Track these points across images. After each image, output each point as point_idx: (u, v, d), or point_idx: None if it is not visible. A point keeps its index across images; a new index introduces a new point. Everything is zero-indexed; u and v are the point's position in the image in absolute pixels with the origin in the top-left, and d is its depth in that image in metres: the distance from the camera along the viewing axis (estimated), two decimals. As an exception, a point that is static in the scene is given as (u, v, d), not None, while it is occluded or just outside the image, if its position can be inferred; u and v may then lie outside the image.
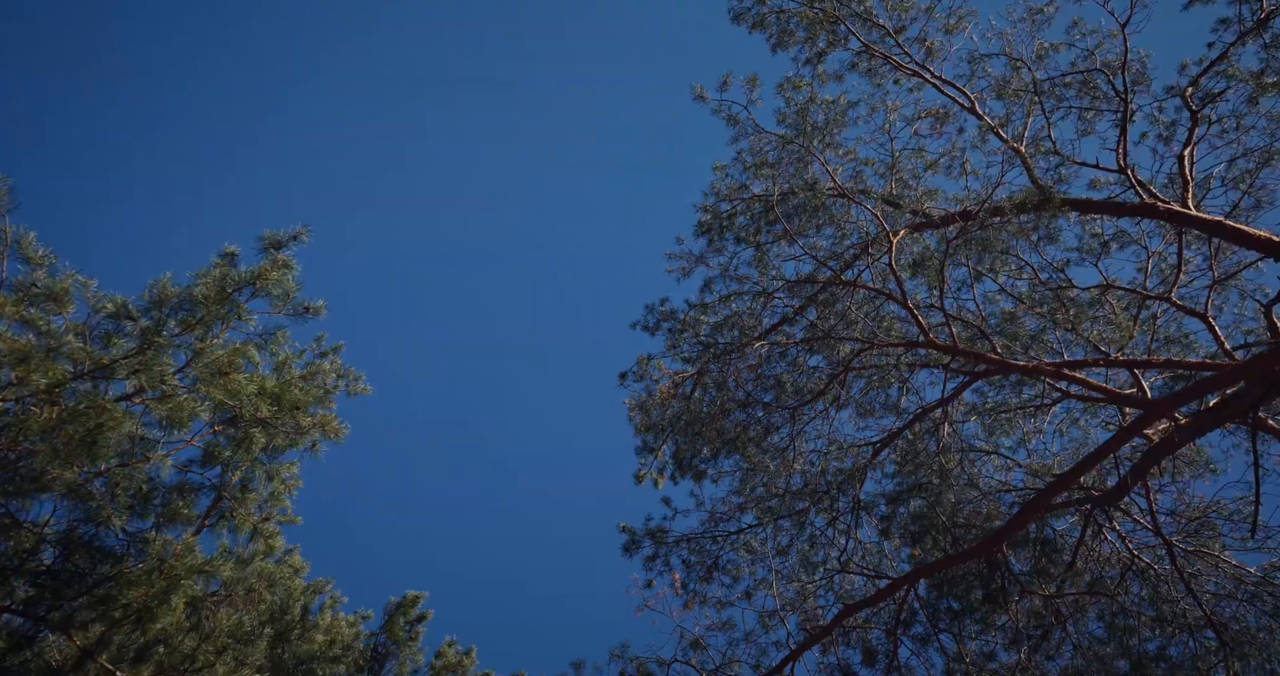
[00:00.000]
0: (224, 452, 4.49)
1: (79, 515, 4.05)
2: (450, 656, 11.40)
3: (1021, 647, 8.80)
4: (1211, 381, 5.99)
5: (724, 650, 7.33)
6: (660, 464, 9.83)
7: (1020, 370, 6.45)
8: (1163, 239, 9.54)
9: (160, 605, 3.93)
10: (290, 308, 4.44)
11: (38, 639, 3.94)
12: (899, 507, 6.96)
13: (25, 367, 3.38)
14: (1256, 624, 8.78)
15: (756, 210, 8.53)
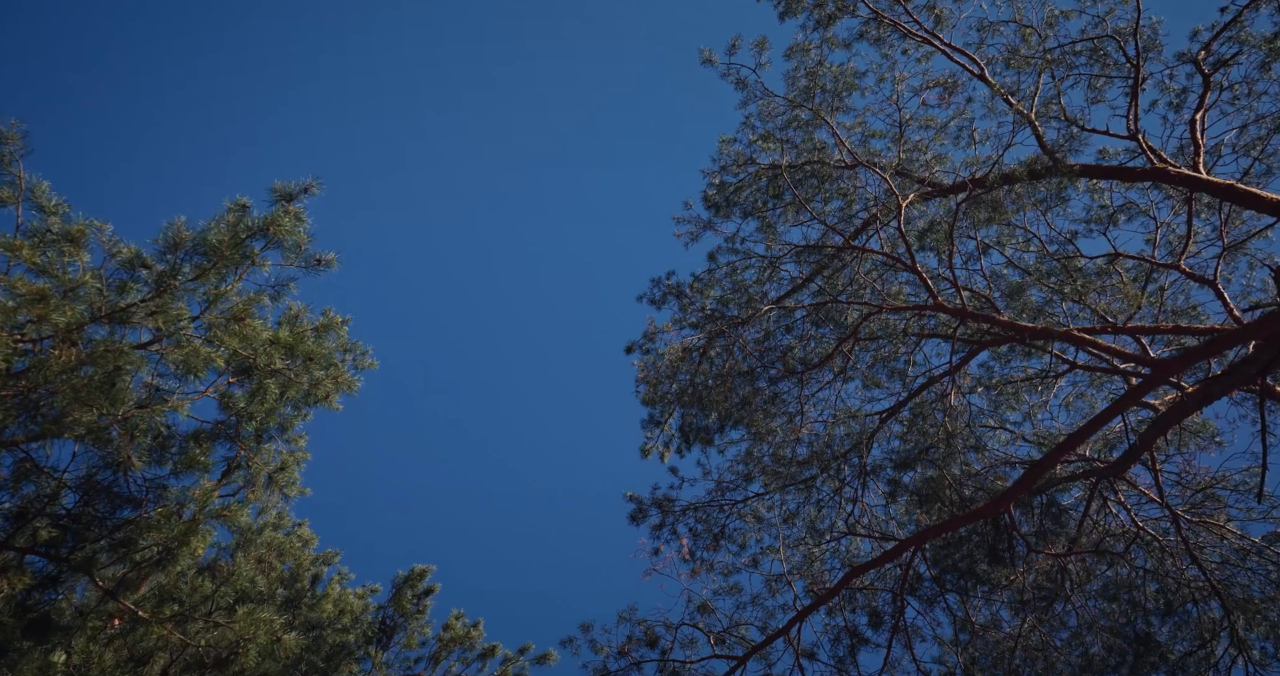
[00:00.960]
0: (238, 403, 4.55)
1: (98, 461, 4.11)
2: (458, 628, 11.54)
3: (1027, 616, 8.88)
4: (1219, 341, 5.99)
5: (731, 614, 7.41)
6: (666, 437, 9.89)
7: (1028, 331, 6.45)
8: (1171, 210, 9.49)
9: (180, 547, 4.00)
10: (302, 260, 4.47)
11: (61, 579, 4.02)
12: (906, 472, 7.00)
13: (44, 307, 3.41)
14: (1260, 593, 8.83)
15: (763, 183, 8.51)
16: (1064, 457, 9.61)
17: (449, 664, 11.52)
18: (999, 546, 6.19)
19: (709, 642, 7.31)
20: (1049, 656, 6.85)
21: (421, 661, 11.64)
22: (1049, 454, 6.33)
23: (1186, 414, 8.14)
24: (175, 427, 4.39)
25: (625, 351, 10.11)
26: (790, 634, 6.83)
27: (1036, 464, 6.33)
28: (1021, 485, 6.25)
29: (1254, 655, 8.76)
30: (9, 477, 4.04)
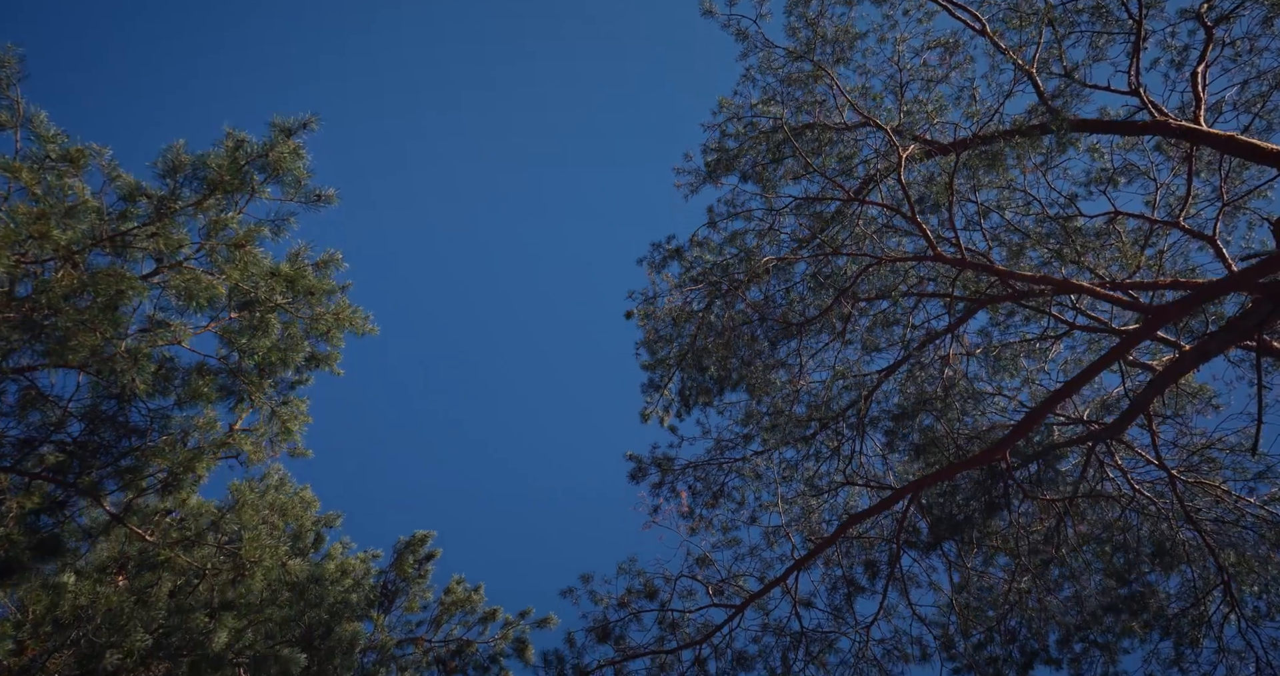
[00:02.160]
0: (240, 339, 4.57)
1: (102, 391, 4.14)
2: (459, 592, 11.67)
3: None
4: (1213, 287, 6.01)
5: (729, 566, 7.49)
6: (666, 401, 9.94)
7: (1026, 280, 6.47)
8: (1171, 171, 9.48)
9: (185, 473, 4.05)
10: (301, 195, 4.47)
11: (68, 503, 4.07)
12: (903, 423, 7.05)
13: (44, 225, 3.42)
14: (1254, 553, 8.93)
15: (763, 148, 8.49)
16: (1060, 410, 9.68)
17: (450, 627, 11.68)
18: (994, 493, 6.25)
19: (707, 593, 7.41)
20: (1042, 600, 6.94)
21: (423, 625, 11.79)
22: (1046, 400, 6.38)
23: (1183, 372, 8.18)
24: (178, 360, 4.43)
25: (625, 317, 10.13)
26: (787, 582, 6.92)
27: (1033, 410, 6.39)
28: (1018, 432, 6.31)
29: (1246, 613, 8.88)
30: (14, 405, 4.08)
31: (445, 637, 11.58)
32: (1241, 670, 8.82)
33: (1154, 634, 9.05)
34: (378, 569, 11.43)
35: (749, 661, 6.99)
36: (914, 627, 6.73)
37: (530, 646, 11.22)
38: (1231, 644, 8.82)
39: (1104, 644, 9.18)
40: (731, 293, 7.90)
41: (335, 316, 4.78)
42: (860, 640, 6.63)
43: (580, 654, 7.43)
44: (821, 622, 6.90)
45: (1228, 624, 8.80)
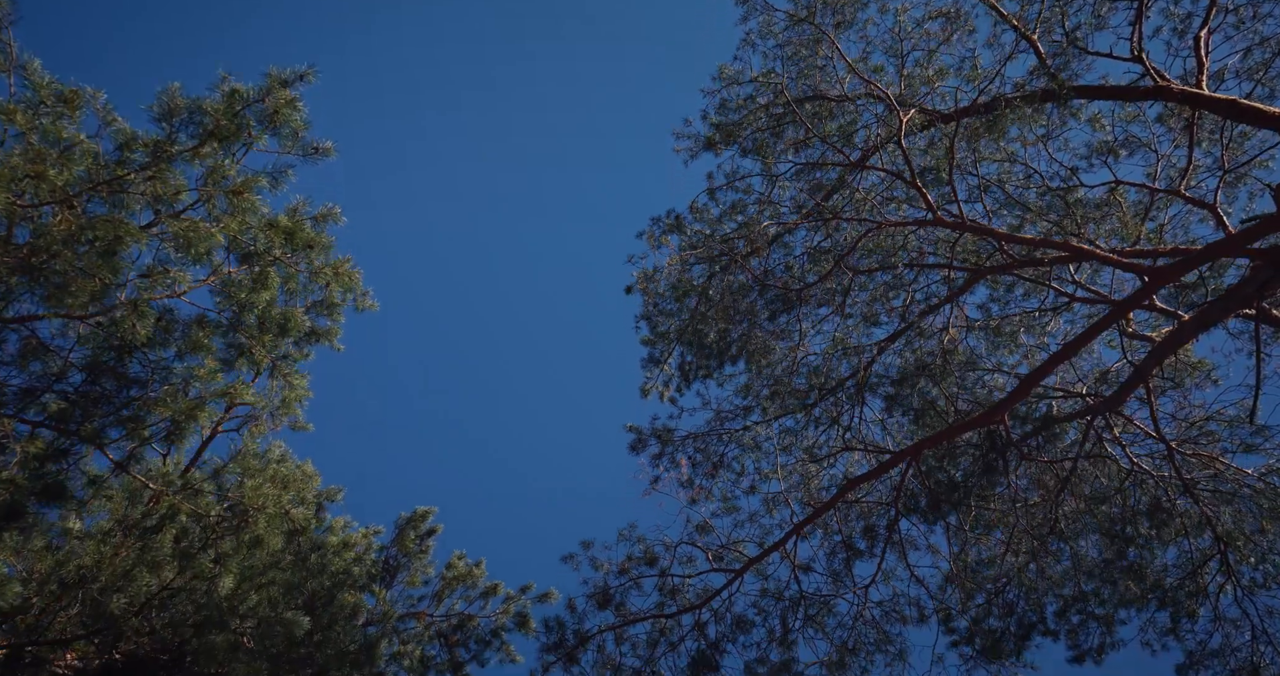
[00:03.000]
0: (240, 293, 4.57)
1: (103, 341, 4.15)
2: (460, 567, 11.74)
3: (1020, 549, 9.03)
4: (1213, 248, 6.00)
5: (728, 532, 7.53)
6: (666, 376, 9.96)
7: (1027, 243, 6.47)
8: (1172, 142, 9.45)
9: (188, 422, 4.07)
10: (299, 148, 4.46)
11: (72, 451, 4.09)
12: (903, 387, 7.07)
13: (40, 165, 3.41)
14: (1252, 524, 8.97)
15: (763, 120, 8.45)
16: (1059, 384, 9.70)
17: (452, 601, 11.76)
18: (992, 456, 6.28)
19: (707, 559, 7.46)
20: (1043, 566, 6.99)
21: (425, 599, 11.87)
22: (1045, 362, 6.39)
23: (1183, 342, 8.19)
24: (177, 313, 4.44)
25: (625, 292, 10.14)
26: (786, 547, 6.97)
27: (1033, 372, 6.40)
28: (1017, 394, 6.32)
29: (1243, 582, 8.94)
30: (15, 355, 4.09)
31: (447, 612, 11.67)
32: (1237, 638, 8.91)
33: (1151, 604, 9.13)
34: (379, 544, 11.50)
35: (748, 625, 7.05)
36: (912, 589, 6.78)
37: (532, 620, 11.30)
38: (1228, 612, 8.89)
39: (1101, 615, 9.26)
40: (732, 265, 7.90)
41: (334, 271, 4.77)
42: (858, 602, 6.68)
43: (581, 619, 7.49)
44: (820, 586, 6.96)
45: (1224, 593, 8.87)
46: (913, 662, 6.50)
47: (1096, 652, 9.32)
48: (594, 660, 7.30)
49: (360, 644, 8.22)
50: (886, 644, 6.52)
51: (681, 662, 7.14)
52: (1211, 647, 8.92)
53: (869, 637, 6.60)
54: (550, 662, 7.48)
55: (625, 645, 7.31)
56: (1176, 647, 9.09)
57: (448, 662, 11.36)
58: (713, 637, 7.11)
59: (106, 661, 6.36)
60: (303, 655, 7.55)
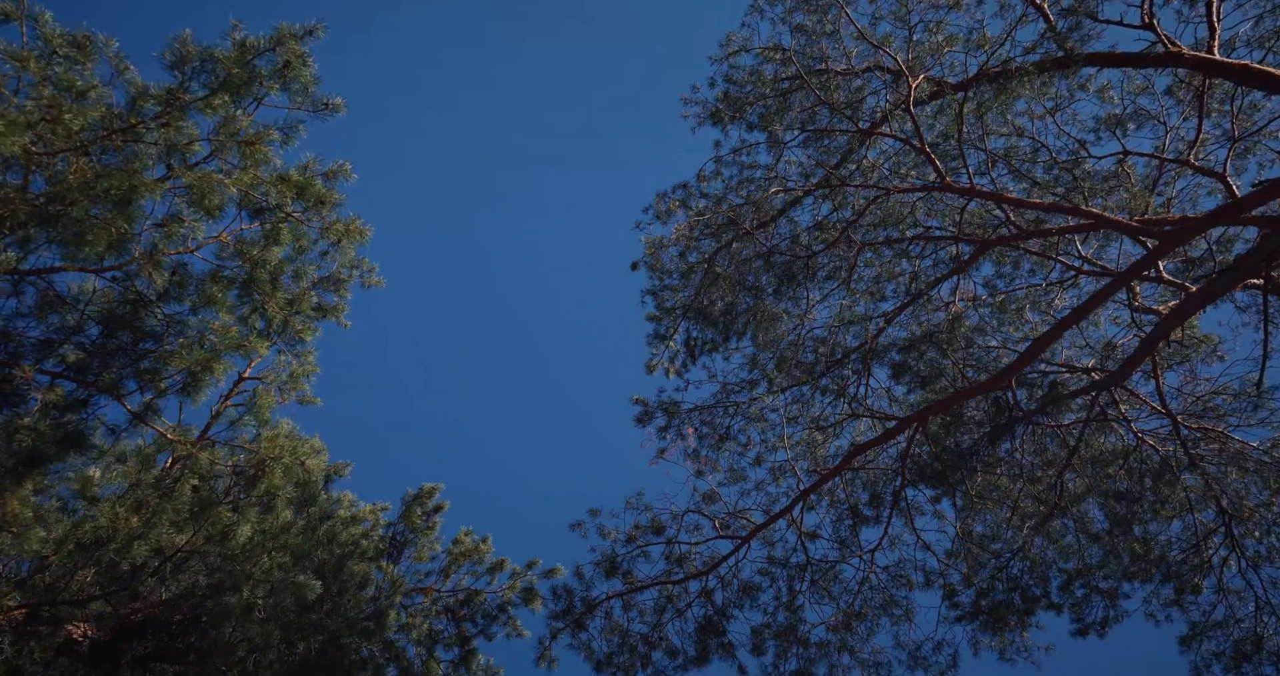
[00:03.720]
0: (252, 250, 4.60)
1: (119, 295, 4.19)
2: (467, 543, 11.83)
3: (1026, 525, 9.06)
4: (1223, 211, 5.99)
5: (734, 501, 7.58)
6: (671, 353, 9.99)
7: (1036, 207, 6.45)
8: (1181, 115, 9.39)
9: (204, 374, 4.11)
10: (309, 103, 4.47)
11: (90, 401, 4.14)
12: (909, 353, 7.08)
13: (55, 109, 3.43)
14: (1256, 497, 8.99)
15: (769, 95, 8.42)
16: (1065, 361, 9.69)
17: (459, 577, 11.87)
18: (999, 421, 6.30)
19: (714, 528, 7.51)
20: (1045, 526, 7.03)
21: (432, 575, 11.98)
22: (1054, 327, 6.39)
23: (1190, 314, 8.17)
24: (191, 268, 4.47)
25: (630, 268, 10.15)
26: (793, 513, 7.01)
27: (1040, 338, 6.41)
28: (1025, 359, 6.33)
29: (1247, 555, 8.97)
30: (33, 307, 4.13)
31: (454, 587, 11.78)
32: (1241, 609, 8.95)
33: (1155, 578, 9.17)
34: (386, 521, 11.59)
35: (754, 591, 7.11)
36: (918, 554, 6.82)
37: (538, 596, 11.40)
38: (1231, 584, 8.93)
39: (1106, 589, 9.30)
40: (739, 237, 7.90)
41: (346, 227, 4.80)
42: (864, 567, 6.73)
43: (589, 586, 7.56)
44: (827, 553, 7.01)
45: (1228, 566, 8.91)
46: (918, 623, 6.56)
47: (1100, 625, 9.38)
48: (602, 626, 7.38)
49: (370, 612, 8.31)
50: (893, 606, 6.57)
51: (688, 628, 7.21)
52: (1215, 619, 8.97)
53: (875, 601, 6.66)
54: (558, 629, 7.56)
55: (633, 611, 7.38)
56: (1180, 619, 9.14)
57: (455, 637, 11.47)
58: (719, 603, 7.17)
59: (122, 622, 6.44)
60: (314, 621, 7.64)
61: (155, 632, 6.52)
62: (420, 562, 11.67)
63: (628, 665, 7.04)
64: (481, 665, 11.39)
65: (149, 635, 6.45)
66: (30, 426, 3.85)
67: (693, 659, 7.03)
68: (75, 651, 6.16)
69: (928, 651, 6.65)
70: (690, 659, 7.02)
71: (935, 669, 6.61)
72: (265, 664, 7.51)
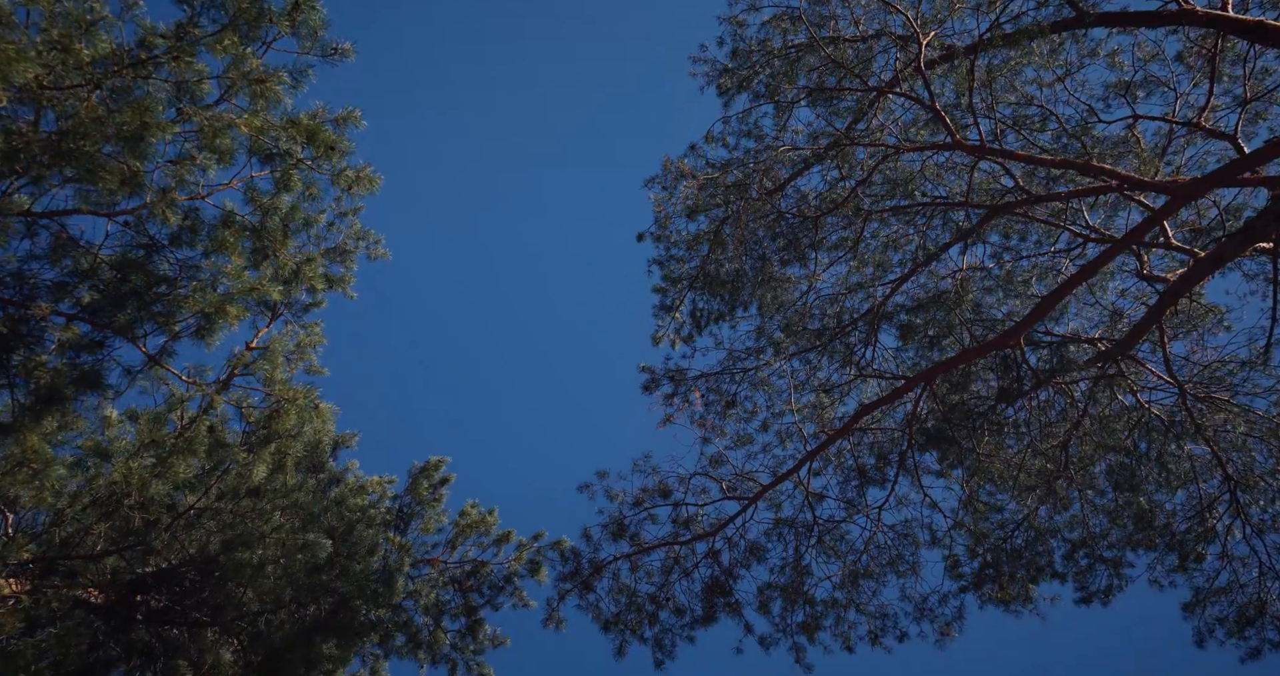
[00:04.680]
0: (263, 199, 4.60)
1: (131, 239, 4.20)
2: (474, 515, 11.92)
3: (1029, 498, 9.09)
4: (1236, 164, 5.95)
5: (741, 464, 7.61)
6: (677, 325, 10.00)
7: (1047, 163, 6.42)
8: (1191, 81, 9.32)
9: (218, 317, 4.13)
10: (318, 48, 4.45)
11: (105, 343, 4.17)
12: (918, 314, 7.08)
13: (66, 38, 3.42)
14: (1262, 467, 9.00)
15: (777, 66, 8.36)
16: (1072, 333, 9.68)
17: (465, 548, 11.96)
18: (1007, 379, 6.31)
19: (721, 490, 7.55)
20: (1051, 492, 7.05)
21: (438, 547, 12.08)
22: (1063, 284, 6.38)
23: (1199, 280, 8.15)
24: (203, 213, 4.48)
25: (637, 239, 10.15)
26: (799, 474, 7.04)
27: (1049, 295, 6.40)
28: (1034, 317, 6.33)
29: (1252, 522, 9.00)
30: (48, 249, 4.15)
31: (461, 559, 11.88)
32: (1244, 575, 9.00)
33: (1160, 546, 9.21)
34: (393, 493, 11.67)
35: (761, 552, 7.16)
36: (925, 512, 6.86)
37: (544, 567, 11.49)
38: (1235, 551, 8.97)
39: (1110, 558, 9.35)
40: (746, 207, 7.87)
41: (356, 175, 4.79)
42: (870, 526, 6.77)
43: (597, 548, 7.61)
44: (834, 513, 7.04)
45: (1232, 534, 8.94)
46: (924, 577, 6.60)
47: (1104, 594, 9.43)
48: (609, 587, 7.44)
49: (379, 576, 8.39)
50: (899, 563, 6.61)
51: (695, 588, 7.26)
52: (1219, 585, 9.02)
53: (882, 560, 6.70)
54: (566, 590, 7.63)
55: (640, 573, 7.44)
56: (1184, 585, 9.19)
57: (462, 607, 11.58)
58: (726, 564, 7.23)
59: (136, 577, 6.52)
60: (324, 582, 7.72)
61: (169, 587, 6.59)
62: (427, 534, 11.76)
63: (635, 624, 7.11)
64: (488, 634, 11.52)
65: (163, 589, 6.52)
66: (47, 365, 3.88)
67: (700, 618, 7.09)
68: (90, 604, 6.23)
69: (934, 603, 6.70)
70: (697, 618, 7.09)
71: (941, 620, 6.67)
72: (276, 624, 7.60)
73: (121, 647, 6.14)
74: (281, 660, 7.33)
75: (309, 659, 7.64)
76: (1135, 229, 6.23)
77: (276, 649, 7.37)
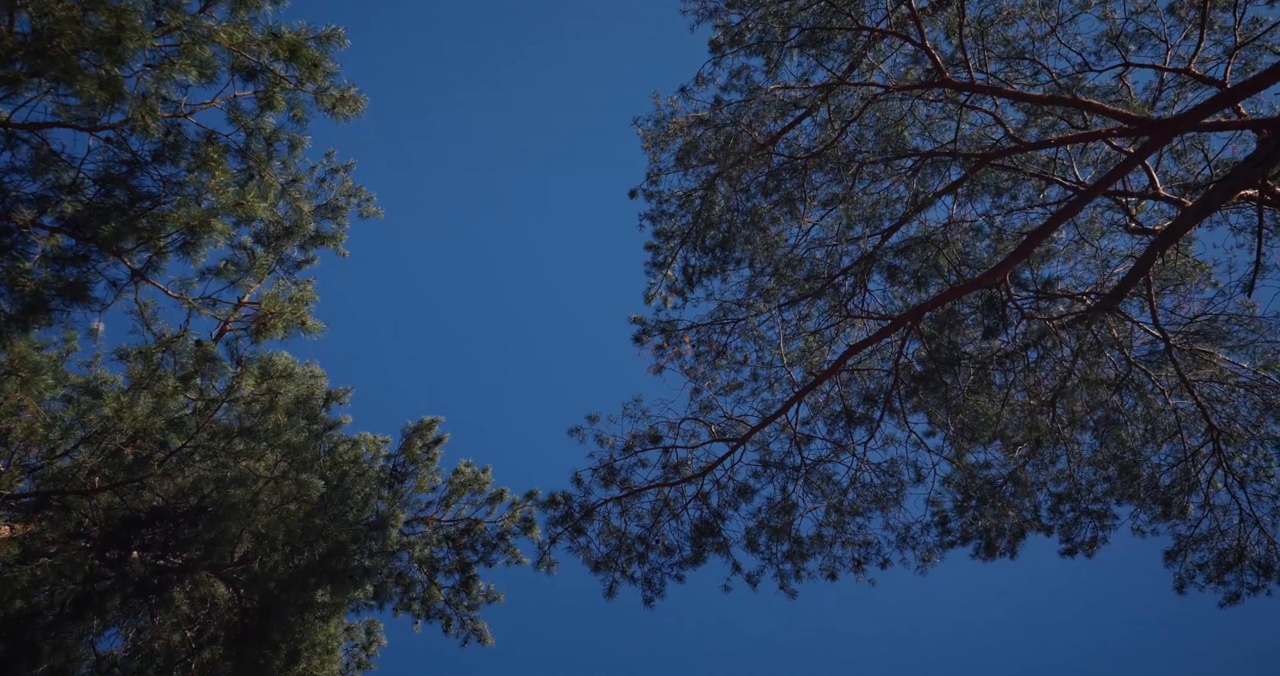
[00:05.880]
0: (247, 120, 4.58)
1: (114, 155, 4.18)
2: (467, 473, 12.01)
3: (1014, 454, 9.20)
4: (1220, 98, 5.97)
5: (731, 408, 7.67)
6: (669, 282, 10.03)
7: (1036, 100, 6.43)
8: (1182, 33, 9.31)
9: (203, 231, 4.12)
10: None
11: (90, 256, 4.16)
12: (906, 256, 7.12)
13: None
14: (1244, 422, 9.13)
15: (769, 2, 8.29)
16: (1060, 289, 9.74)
17: (459, 507, 12.07)
18: (993, 318, 6.37)
19: (710, 434, 7.62)
20: (1034, 418, 7.15)
21: (432, 505, 12.18)
22: (1050, 220, 6.42)
23: (1187, 227, 8.20)
24: (184, 130, 4.45)
25: (629, 196, 10.14)
26: (787, 415, 7.11)
27: (1036, 231, 6.44)
28: (1019, 254, 6.37)
29: (1235, 472, 9.15)
30: (29, 163, 4.12)
31: (455, 516, 11.99)
32: (1225, 522, 9.17)
33: (1144, 497, 9.36)
34: (387, 453, 11.73)
35: (750, 492, 7.25)
36: (910, 451, 6.95)
37: (536, 525, 11.61)
38: (1217, 500, 9.13)
39: (1096, 511, 9.50)
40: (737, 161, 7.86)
41: (340, 95, 4.76)
42: (856, 465, 6.86)
43: (587, 492, 7.69)
44: (821, 453, 7.13)
45: (1214, 488, 9.09)
46: (907, 508, 6.71)
47: (1088, 546, 9.60)
48: (600, 529, 7.53)
49: (374, 521, 8.47)
50: (885, 499, 6.72)
51: (685, 530, 7.35)
52: (1200, 532, 9.19)
53: (867, 496, 6.80)
54: (557, 534, 7.71)
55: (630, 516, 7.52)
56: (1166, 533, 9.37)
57: (456, 563, 11.72)
58: (715, 505, 7.32)
59: (130, 512, 6.56)
60: (317, 526, 7.79)
61: (163, 523, 6.64)
62: (421, 492, 11.85)
63: (624, 564, 7.21)
64: (482, 591, 11.67)
65: (157, 525, 6.57)
66: (32, 271, 3.88)
67: (689, 558, 7.20)
68: (85, 535, 6.28)
69: (916, 532, 6.82)
70: (686, 558, 7.19)
71: (923, 548, 6.79)
72: (271, 566, 7.67)
73: (118, 579, 6.20)
74: (276, 602, 7.42)
75: (303, 603, 7.73)
76: (1125, 161, 6.25)
77: (271, 593, 7.46)
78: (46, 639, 5.87)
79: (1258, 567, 8.76)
